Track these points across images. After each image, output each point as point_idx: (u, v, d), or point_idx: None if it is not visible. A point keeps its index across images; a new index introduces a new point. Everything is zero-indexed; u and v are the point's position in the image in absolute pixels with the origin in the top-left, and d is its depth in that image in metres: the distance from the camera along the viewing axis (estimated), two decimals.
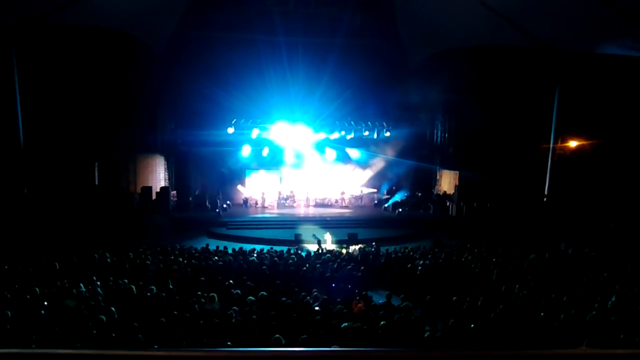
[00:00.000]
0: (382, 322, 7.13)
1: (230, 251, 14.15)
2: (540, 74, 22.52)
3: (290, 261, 12.55)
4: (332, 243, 17.46)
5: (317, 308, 8.05)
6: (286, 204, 25.85)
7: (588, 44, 20.18)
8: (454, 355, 1.35)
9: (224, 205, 24.01)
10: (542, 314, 7.39)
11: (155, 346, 6.22)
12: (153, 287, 8.92)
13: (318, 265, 11.95)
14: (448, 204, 24.87)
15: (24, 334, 6.29)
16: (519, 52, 22.05)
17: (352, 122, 25.76)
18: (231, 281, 9.80)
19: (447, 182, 26.63)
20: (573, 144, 23.09)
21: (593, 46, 20.38)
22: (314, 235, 17.47)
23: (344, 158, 27.62)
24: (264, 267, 11.80)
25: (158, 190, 23.48)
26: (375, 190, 27.65)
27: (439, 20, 21.54)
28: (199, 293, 8.89)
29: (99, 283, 9.31)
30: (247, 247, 15.41)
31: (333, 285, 10.60)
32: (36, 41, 19.22)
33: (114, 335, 6.42)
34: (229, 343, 6.49)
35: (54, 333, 6.49)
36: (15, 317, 6.85)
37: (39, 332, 6.37)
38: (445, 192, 26.24)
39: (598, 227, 18.55)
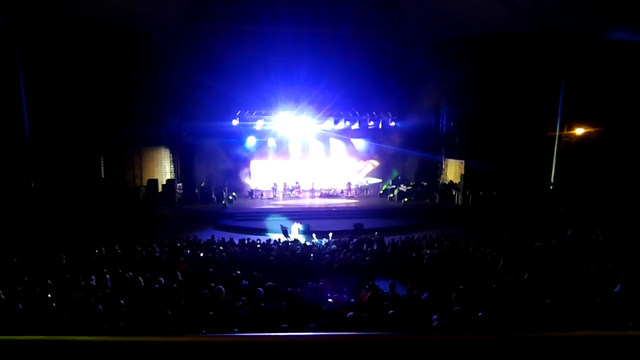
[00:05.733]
0: (390, 312, 7.15)
1: (236, 242, 14.23)
2: (546, 61, 22.35)
3: (297, 252, 12.62)
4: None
5: (330, 300, 8.07)
6: (291, 195, 25.88)
7: (594, 30, 20.02)
8: (457, 339, 1.36)
9: (230, 197, 24.08)
10: (547, 301, 7.40)
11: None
12: (161, 278, 8.98)
13: (327, 256, 11.99)
14: (454, 193, 24.83)
15: (35, 326, 6.36)
16: (525, 40, 21.90)
17: (357, 113, 25.70)
18: (239, 272, 9.84)
19: (453, 171, 26.59)
20: (579, 131, 22.94)
21: (599, 32, 20.23)
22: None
23: (349, 148, 27.61)
24: (271, 258, 11.85)
25: (164, 182, 23.58)
26: (380, 180, 27.64)
27: (444, 9, 21.42)
28: (206, 284, 8.94)
29: (108, 276, 9.38)
30: (254, 238, 15.48)
31: (340, 275, 10.62)
32: (41, 35, 19.24)
33: (123, 326, 6.48)
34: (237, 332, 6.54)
35: (64, 325, 6.55)
36: (26, 310, 6.93)
37: (50, 324, 6.44)
38: (451, 181, 26.20)
39: (604, 215, 18.48)
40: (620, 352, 1.30)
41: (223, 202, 23.26)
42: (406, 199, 24.18)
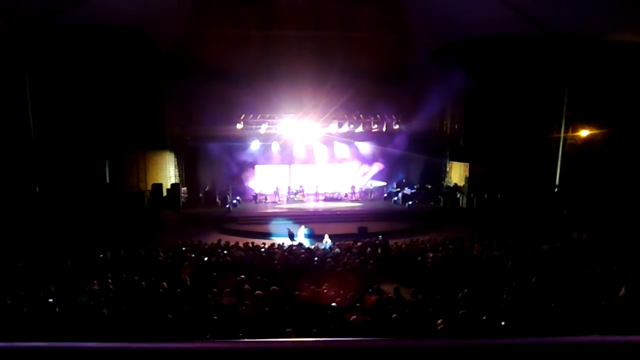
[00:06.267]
0: (393, 315, 7.13)
1: (241, 246, 14.23)
2: (550, 63, 22.26)
3: (302, 255, 12.60)
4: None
5: (334, 304, 8.04)
6: (295, 199, 25.85)
7: (599, 31, 19.94)
8: (462, 345, 1.36)
9: (234, 201, 24.10)
10: (552, 304, 7.36)
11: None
12: (165, 283, 8.99)
13: (329, 259, 11.97)
14: (458, 196, 24.76)
15: (39, 330, 6.37)
16: (529, 42, 21.81)
17: (361, 116, 25.68)
18: (243, 276, 9.84)
19: (457, 174, 26.51)
20: (584, 133, 22.82)
21: (604, 33, 20.15)
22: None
23: (353, 152, 27.58)
24: (275, 261, 11.85)
25: (168, 187, 23.63)
26: (385, 183, 27.60)
27: (448, 12, 21.38)
28: (210, 289, 8.94)
29: (111, 280, 9.39)
30: (258, 242, 15.48)
31: (344, 279, 10.59)
32: (45, 40, 19.33)
33: (126, 331, 6.48)
34: (241, 337, 6.52)
35: (68, 330, 6.56)
36: (31, 314, 6.94)
37: (54, 329, 6.45)
38: (455, 184, 26.12)
39: (610, 217, 18.38)
40: (625, 358, 1.29)
41: (227, 206, 23.28)
42: (410, 202, 24.12)
